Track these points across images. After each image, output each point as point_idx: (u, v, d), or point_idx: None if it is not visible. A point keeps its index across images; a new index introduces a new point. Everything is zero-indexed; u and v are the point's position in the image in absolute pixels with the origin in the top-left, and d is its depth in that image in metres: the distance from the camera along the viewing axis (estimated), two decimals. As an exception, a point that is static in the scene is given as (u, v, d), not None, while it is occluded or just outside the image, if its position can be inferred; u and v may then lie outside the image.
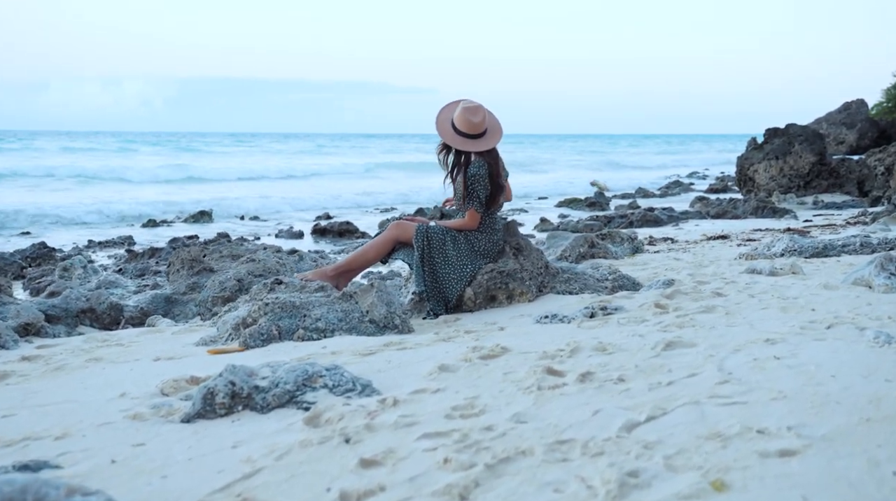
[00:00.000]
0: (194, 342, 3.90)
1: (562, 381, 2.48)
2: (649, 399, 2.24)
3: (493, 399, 2.35)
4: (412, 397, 2.43)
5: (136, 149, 43.81)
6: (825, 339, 2.95)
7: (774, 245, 6.76)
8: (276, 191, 20.21)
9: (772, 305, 3.84)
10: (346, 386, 2.56)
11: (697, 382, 2.40)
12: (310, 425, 2.20)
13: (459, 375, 2.68)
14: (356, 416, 2.21)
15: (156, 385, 2.80)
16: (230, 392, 2.46)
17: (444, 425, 2.09)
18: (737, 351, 2.81)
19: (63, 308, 4.93)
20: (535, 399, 2.31)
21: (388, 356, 3.14)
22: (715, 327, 3.35)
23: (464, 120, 4.48)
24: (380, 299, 3.91)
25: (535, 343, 3.24)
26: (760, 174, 16.72)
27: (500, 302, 4.50)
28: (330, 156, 41.20)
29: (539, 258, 4.72)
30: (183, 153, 42.01)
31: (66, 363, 3.35)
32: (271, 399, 2.45)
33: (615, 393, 2.33)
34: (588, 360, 2.79)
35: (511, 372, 2.65)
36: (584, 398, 2.29)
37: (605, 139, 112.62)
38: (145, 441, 2.17)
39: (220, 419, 2.39)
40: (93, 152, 38.94)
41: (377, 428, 2.09)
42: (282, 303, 3.88)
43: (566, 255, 6.55)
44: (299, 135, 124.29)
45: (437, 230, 4.51)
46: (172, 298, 5.53)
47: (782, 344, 2.90)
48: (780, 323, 3.36)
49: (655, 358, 2.80)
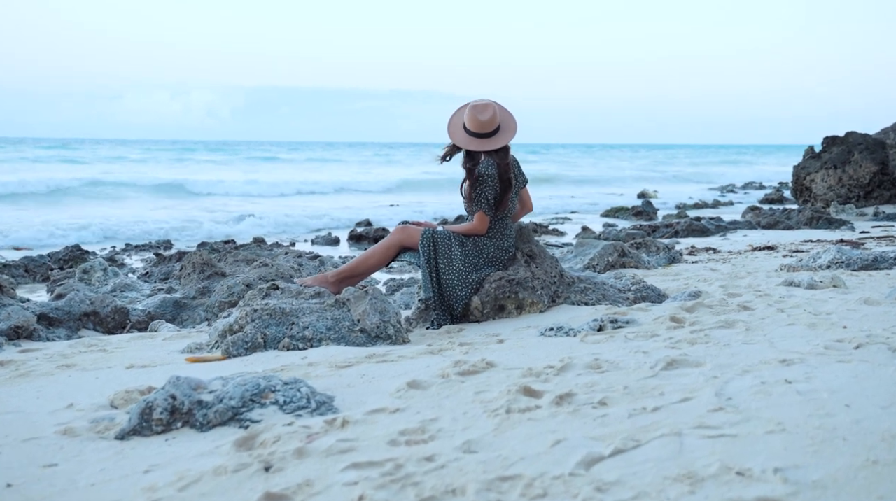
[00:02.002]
0: (181, 349, 3.73)
1: (536, 403, 2.21)
2: (625, 427, 1.95)
3: (452, 422, 2.09)
4: (366, 417, 2.19)
5: (222, 160, 44.19)
6: (850, 361, 2.61)
7: (820, 256, 6.33)
8: (329, 202, 20.04)
9: (800, 321, 3.49)
10: (298, 404, 2.33)
11: (687, 408, 2.10)
12: (240, 448, 1.97)
13: (428, 393, 2.43)
14: (293, 439, 1.98)
15: (107, 396, 2.61)
16: (169, 407, 2.25)
17: (382, 453, 1.84)
18: (745, 373, 2.49)
19: (66, 310, 4.83)
20: (498, 423, 2.05)
21: (365, 369, 2.90)
22: (730, 344, 3.02)
23: (472, 118, 4.23)
24: (373, 307, 3.67)
25: (526, 358, 2.96)
26: (818, 184, 16.03)
27: (510, 313, 4.22)
28: (386, 167, 41.12)
29: (553, 266, 4.42)
30: (260, 163, 42.25)
31: (34, 369, 3.19)
32: (212, 416, 2.24)
33: (590, 419, 2.05)
34: (575, 379, 2.51)
35: (484, 392, 2.38)
36: (553, 424, 2.01)
37: (661, 149, 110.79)
38: (60, 461, 1.97)
39: (156, 437, 2.18)
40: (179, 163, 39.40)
41: (308, 455, 1.85)
42: (270, 310, 3.68)
43: (594, 264, 6.23)
44: (363, 143, 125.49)
45: (444, 235, 4.25)
46: (182, 302, 5.40)
47: (799, 365, 2.57)
48: (803, 341, 3.01)
49: (651, 378, 2.50)
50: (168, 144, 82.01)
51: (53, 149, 49.47)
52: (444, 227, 4.35)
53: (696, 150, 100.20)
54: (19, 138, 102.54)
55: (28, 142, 68.13)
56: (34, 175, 23.64)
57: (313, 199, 20.96)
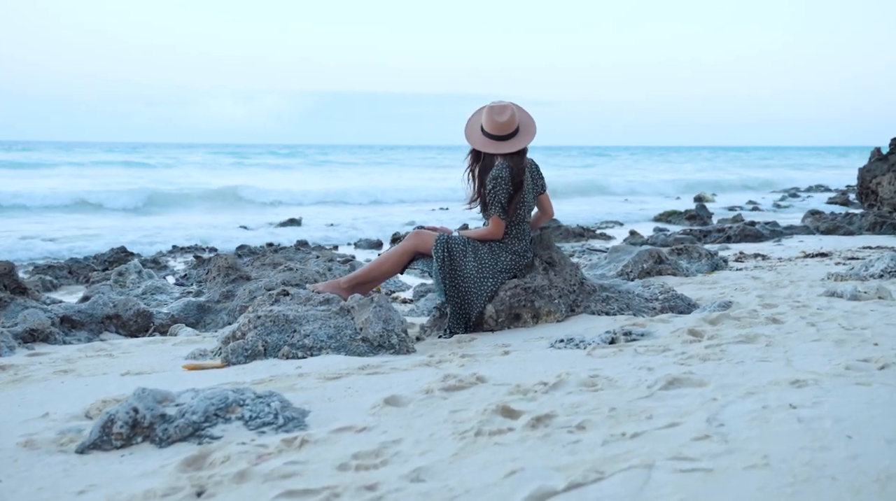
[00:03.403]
0: (186, 355, 3.68)
1: (509, 425, 2.06)
2: (594, 456, 1.79)
3: (413, 445, 1.96)
4: (329, 436, 2.07)
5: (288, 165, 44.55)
6: (870, 384, 2.38)
7: (873, 264, 5.97)
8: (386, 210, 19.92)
9: (829, 336, 3.24)
10: (265, 420, 2.23)
11: (670, 435, 1.92)
12: (188, 467, 1.88)
13: (403, 411, 2.30)
14: (241, 460, 1.87)
15: (85, 405, 2.56)
16: (131, 420, 2.17)
17: (325, 479, 1.72)
18: (748, 396, 2.30)
19: (88, 313, 4.85)
20: (461, 448, 1.91)
21: (353, 382, 2.79)
22: (743, 361, 2.81)
23: (489, 120, 4.08)
24: (376, 315, 3.56)
25: (523, 373, 2.81)
26: (884, 187, 15.31)
27: (525, 322, 4.06)
28: (447, 169, 40.84)
29: (573, 274, 4.24)
30: (322, 166, 42.38)
31: (31, 375, 3.18)
32: (173, 431, 2.15)
33: (559, 445, 1.89)
34: (563, 398, 2.35)
35: (461, 410, 2.25)
36: (518, 451, 1.86)
37: (724, 151, 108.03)
38: (5, 476, 1.90)
39: (115, 451, 2.10)
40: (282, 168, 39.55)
41: (248, 479, 1.74)
42: (274, 317, 3.60)
43: (628, 271, 6.01)
44: (424, 146, 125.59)
45: (459, 240, 4.11)
46: (206, 306, 5.39)
47: (811, 387, 2.36)
48: (825, 359, 2.79)
49: (645, 399, 2.32)
50: (233, 147, 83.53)
51: (123, 154, 50.70)
52: (460, 232, 4.22)
53: (764, 152, 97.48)
54: (95, 142, 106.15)
55: (102, 146, 70.26)
56: (101, 181, 24.20)
57: (375, 208, 20.70)
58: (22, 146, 65.33)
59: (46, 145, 74.49)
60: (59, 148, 63.85)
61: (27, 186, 21.52)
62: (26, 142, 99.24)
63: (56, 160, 41.36)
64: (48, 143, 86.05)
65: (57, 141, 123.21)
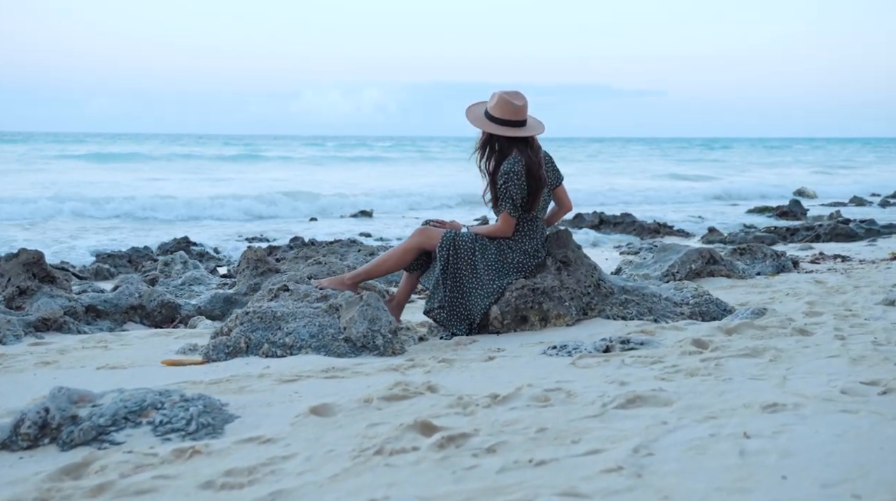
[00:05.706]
0: (177, 349, 3.65)
1: (416, 444, 1.88)
2: (479, 486, 1.59)
3: (302, 462, 1.80)
4: (230, 447, 1.95)
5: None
6: (857, 412, 2.07)
7: (954, 269, 5.42)
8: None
9: (851, 353, 2.88)
10: (175, 425, 2.12)
11: (580, 465, 1.70)
12: (65, 476, 1.79)
13: (324, 421, 2.15)
14: (114, 471, 1.77)
15: (30, 401, 2.53)
16: (40, 421, 2.11)
17: (179, 499, 1.59)
18: (706, 420, 2.03)
19: (113, 303, 4.91)
20: (346, 468, 1.74)
21: (306, 386, 2.66)
22: (731, 379, 2.52)
23: (505, 104, 3.85)
24: (361, 315, 3.42)
25: (483, 383, 2.62)
26: None
27: (533, 325, 3.83)
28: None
29: (589, 274, 3.98)
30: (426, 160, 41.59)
31: (11, 366, 3.20)
32: (77, 434, 2.07)
33: (451, 470, 1.70)
34: (500, 414, 2.14)
35: (380, 424, 2.08)
36: (402, 475, 1.68)
37: (841, 142, 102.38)
38: None
39: (20, 452, 2.04)
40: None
41: (100, 494, 1.63)
42: (261, 313, 3.52)
43: (674, 271, 5.65)
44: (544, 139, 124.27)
45: (467, 237, 3.91)
46: (233, 299, 5.38)
47: (785, 413, 2.07)
48: (824, 380, 2.46)
49: (590, 418, 2.09)
50: (343, 139, 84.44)
51: (238, 147, 51.58)
52: (468, 229, 4.02)
53: (883, 143, 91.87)
54: (208, 134, 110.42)
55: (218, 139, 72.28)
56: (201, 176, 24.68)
57: (458, 210, 20.05)
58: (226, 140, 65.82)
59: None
60: (196, 140, 66.16)
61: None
62: (167, 134, 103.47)
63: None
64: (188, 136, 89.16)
65: (193, 132, 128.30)
